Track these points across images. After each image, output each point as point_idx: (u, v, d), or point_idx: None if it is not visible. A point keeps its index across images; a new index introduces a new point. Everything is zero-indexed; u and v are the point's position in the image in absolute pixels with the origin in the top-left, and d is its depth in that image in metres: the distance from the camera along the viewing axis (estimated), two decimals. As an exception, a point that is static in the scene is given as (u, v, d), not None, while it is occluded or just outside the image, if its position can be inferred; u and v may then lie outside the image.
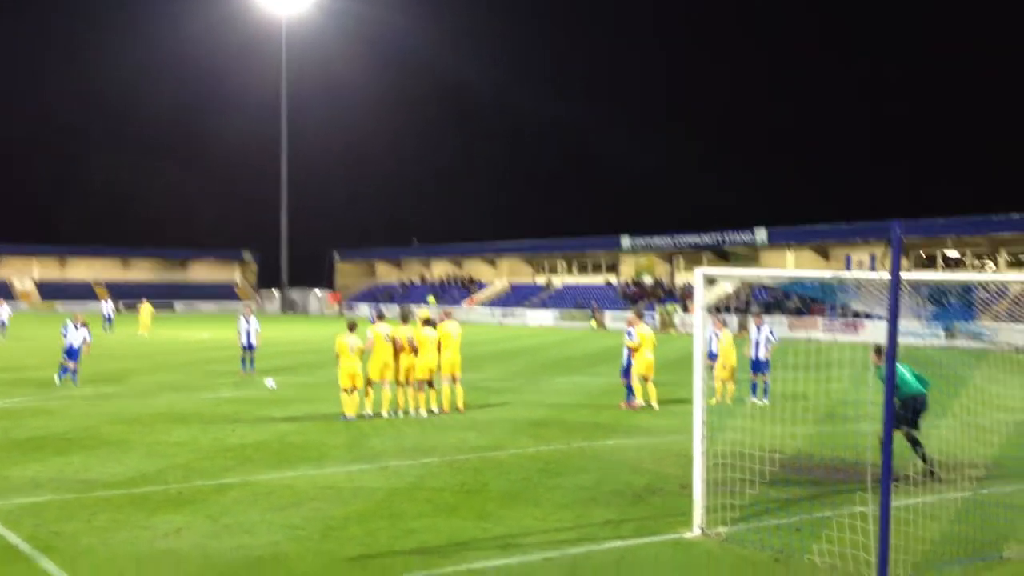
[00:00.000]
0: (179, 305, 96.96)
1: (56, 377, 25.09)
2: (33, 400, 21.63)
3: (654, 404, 20.59)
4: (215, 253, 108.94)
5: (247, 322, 28.62)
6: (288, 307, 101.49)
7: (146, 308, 53.45)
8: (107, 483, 12.72)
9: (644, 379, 20.78)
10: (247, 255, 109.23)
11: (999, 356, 20.87)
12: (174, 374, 28.49)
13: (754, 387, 21.91)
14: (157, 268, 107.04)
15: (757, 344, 21.89)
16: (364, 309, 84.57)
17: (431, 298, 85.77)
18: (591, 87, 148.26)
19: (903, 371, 13.25)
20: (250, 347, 28.44)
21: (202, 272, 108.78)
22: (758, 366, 21.81)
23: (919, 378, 13.33)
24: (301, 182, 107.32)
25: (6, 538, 9.93)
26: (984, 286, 22.44)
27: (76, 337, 25.23)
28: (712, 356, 21.28)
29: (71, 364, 25.06)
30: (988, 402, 15.26)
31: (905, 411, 12.93)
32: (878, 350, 13.21)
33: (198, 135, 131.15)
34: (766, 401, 20.94)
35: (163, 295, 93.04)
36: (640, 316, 22.29)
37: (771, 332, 22.33)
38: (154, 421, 18.43)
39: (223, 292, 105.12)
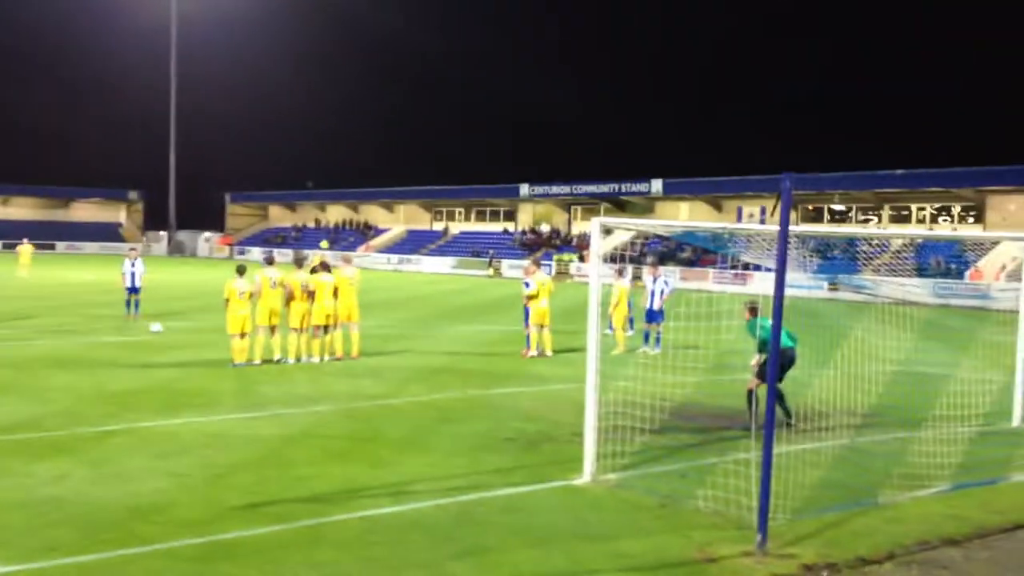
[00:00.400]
0: (61, 245, 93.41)
1: None
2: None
3: (548, 352, 20.80)
4: (100, 192, 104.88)
5: (132, 264, 27.76)
6: (176, 250, 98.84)
7: (26, 248, 51.32)
8: (-17, 429, 12.23)
9: (540, 327, 20.94)
10: (133, 195, 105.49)
11: (880, 308, 21.65)
12: (55, 317, 27.49)
13: (646, 336, 22.31)
14: (38, 206, 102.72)
15: (652, 294, 22.26)
16: (256, 253, 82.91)
17: (324, 243, 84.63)
18: (496, 30, 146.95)
19: (769, 326, 13.60)
20: (135, 290, 27.61)
21: (86, 212, 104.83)
22: (652, 316, 22.19)
23: (788, 334, 13.73)
24: (192, 120, 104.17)
25: None
26: (868, 240, 23.20)
27: None
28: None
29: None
30: (868, 353, 15.84)
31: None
32: (751, 308, 13.57)
33: (83, 64, 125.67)
34: (658, 350, 21.34)
35: (44, 235, 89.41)
36: (538, 265, 22.43)
37: (666, 282, 22.73)
38: (33, 365, 17.79)
39: (107, 233, 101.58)
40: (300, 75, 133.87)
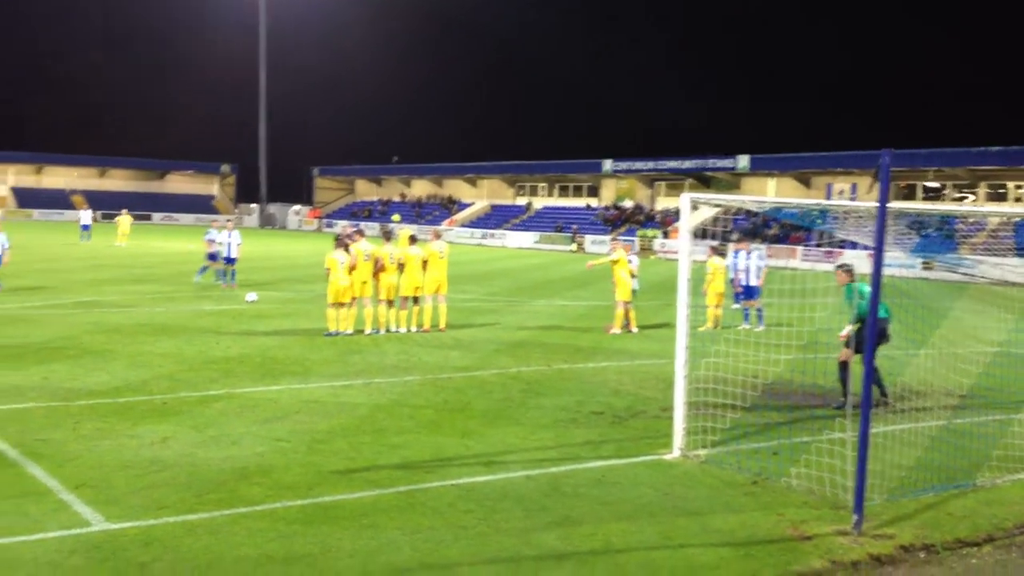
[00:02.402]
0: (156, 216, 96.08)
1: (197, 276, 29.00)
2: (12, 309, 21.50)
3: (634, 328, 20.77)
4: (194, 165, 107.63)
5: (228, 235, 28.47)
6: (266, 222, 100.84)
7: (125, 219, 52.97)
8: (91, 392, 12.74)
9: (625, 303, 20.88)
10: (225, 168, 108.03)
11: (977, 288, 21.08)
12: (154, 285, 28.37)
13: (746, 314, 22.08)
14: (134, 178, 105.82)
15: (747, 270, 22.03)
16: (341, 227, 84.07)
17: (396, 217, 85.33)
18: (581, 9, 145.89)
19: (868, 293, 13.31)
20: (231, 260, 28.34)
21: (180, 184, 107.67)
22: (750, 292, 21.98)
23: (883, 306, 13.42)
24: (282, 96, 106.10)
25: (-8, 444, 9.96)
26: (964, 218, 22.48)
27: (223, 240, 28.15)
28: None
29: (214, 264, 28.74)
30: (965, 333, 15.47)
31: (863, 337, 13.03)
32: (845, 269, 13.29)
33: (177, 41, 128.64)
34: (762, 327, 21.12)
35: (140, 206, 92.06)
36: (619, 242, 22.32)
37: (760, 258, 22.47)
38: (136, 332, 18.41)
39: (201, 205, 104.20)
40: (387, 51, 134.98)
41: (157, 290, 27.00)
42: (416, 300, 19.58)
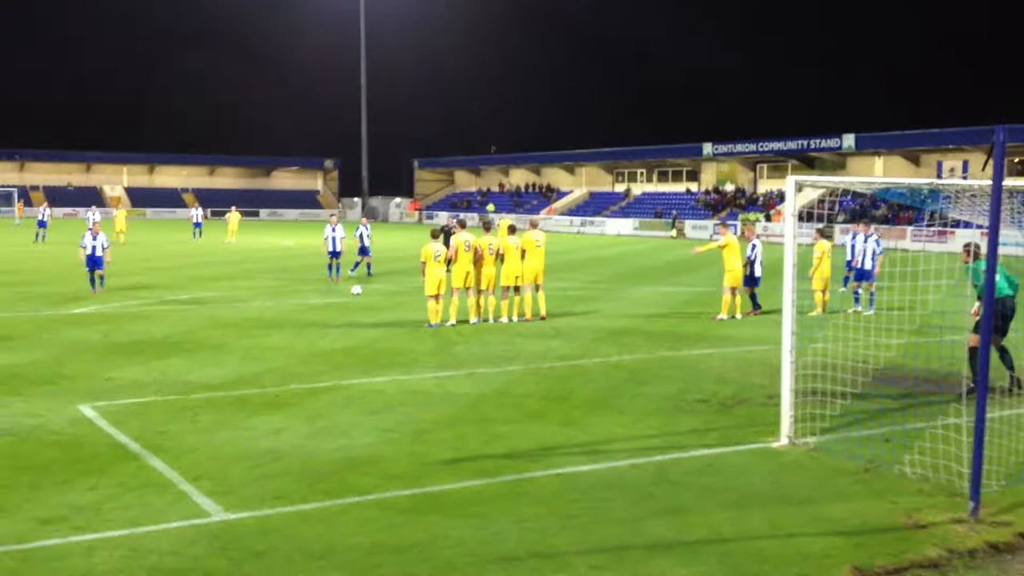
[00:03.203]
0: (263, 212, 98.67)
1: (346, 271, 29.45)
2: (132, 306, 22.39)
3: (738, 315, 20.51)
4: (298, 161, 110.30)
5: (333, 230, 29.11)
6: (369, 215, 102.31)
7: (234, 216, 54.54)
8: (207, 385, 13.21)
9: (732, 290, 20.57)
10: (328, 163, 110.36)
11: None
12: (263, 280, 29.18)
13: (856, 296, 21.70)
14: (242, 176, 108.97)
15: (865, 253, 21.59)
16: (442, 218, 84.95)
17: (491, 207, 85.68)
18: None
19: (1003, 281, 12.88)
20: (336, 254, 28.97)
21: (285, 180, 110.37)
22: (863, 274, 21.61)
23: (1009, 280, 12.94)
24: (381, 91, 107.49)
25: (115, 437, 10.41)
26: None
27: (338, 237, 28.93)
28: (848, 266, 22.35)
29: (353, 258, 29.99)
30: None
31: (1002, 313, 12.63)
32: (968, 249, 12.90)
33: (279, 40, 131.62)
34: (871, 311, 20.74)
35: (247, 202, 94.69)
36: (726, 227, 22.04)
37: (877, 241, 22.02)
38: (248, 326, 18.98)
39: (306, 200, 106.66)
40: (484, 45, 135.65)
41: (266, 285, 27.76)
42: (517, 290, 19.70)
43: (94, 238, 24.64)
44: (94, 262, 24.57)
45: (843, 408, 10.99)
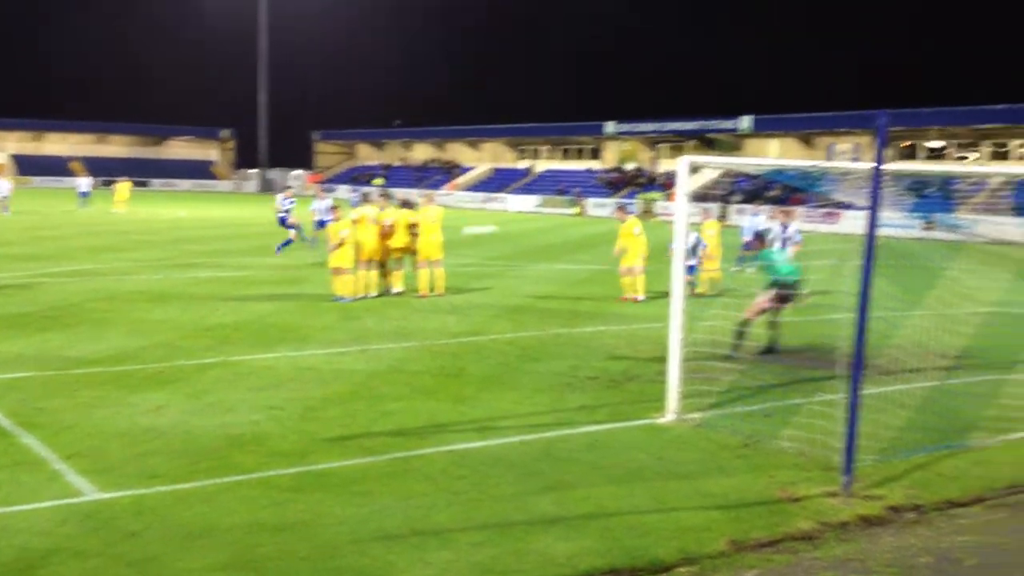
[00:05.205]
0: (155, 182, 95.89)
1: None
2: (15, 276, 21.52)
3: (640, 296, 20.74)
4: (193, 131, 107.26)
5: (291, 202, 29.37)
6: (266, 187, 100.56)
7: (124, 185, 52.87)
8: (89, 360, 12.78)
9: (628, 270, 20.74)
10: (225, 133, 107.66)
11: (976, 248, 21.04)
12: (152, 252, 28.38)
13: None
14: (133, 144, 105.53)
15: (784, 241, 21.11)
16: (343, 191, 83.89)
17: (379, 180, 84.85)
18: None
19: (775, 256, 13.86)
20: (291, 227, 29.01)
21: (179, 149, 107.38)
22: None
23: (789, 267, 14.06)
24: (282, 59, 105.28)
25: (-12, 414, 10.00)
26: (965, 178, 22.31)
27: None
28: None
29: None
30: (962, 293, 15.45)
31: (776, 293, 13.72)
32: (759, 237, 14.02)
33: (177, 4, 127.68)
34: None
35: (138, 172, 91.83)
36: (623, 210, 22.09)
37: (797, 231, 21.03)
38: (134, 299, 18.44)
39: (200, 170, 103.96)
40: (388, 12, 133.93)
41: (156, 257, 27.00)
42: (400, 262, 19.82)
43: None
44: None
45: (728, 384, 11.24)
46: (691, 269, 20.59)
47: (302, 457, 8.81)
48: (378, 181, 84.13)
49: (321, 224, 27.68)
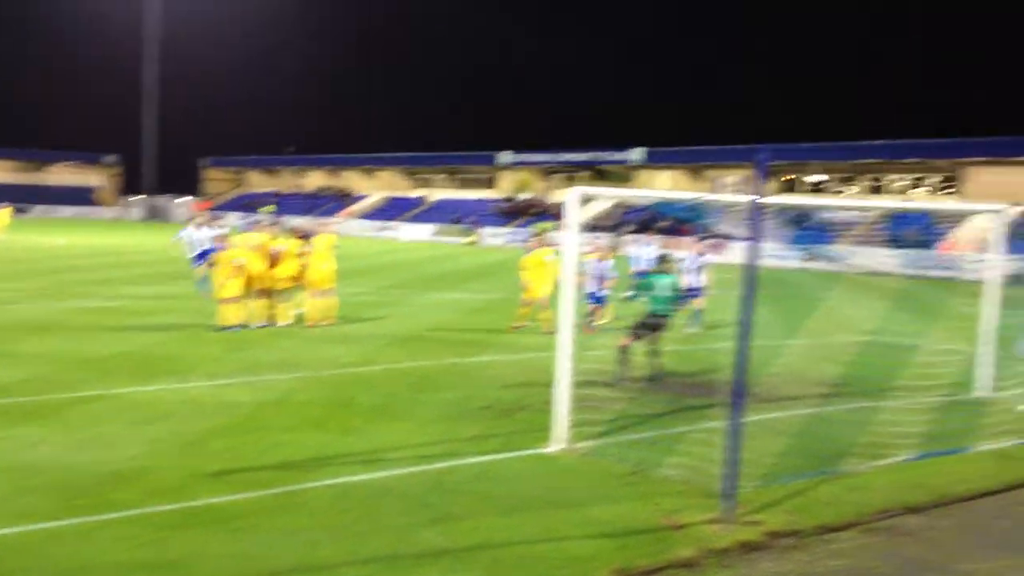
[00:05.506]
0: (37, 209, 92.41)
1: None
2: None
3: (527, 324, 20.87)
4: (76, 156, 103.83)
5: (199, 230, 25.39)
6: (152, 215, 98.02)
7: (4, 211, 50.85)
8: (-42, 395, 12.23)
9: (534, 300, 20.67)
10: (109, 159, 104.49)
11: (853, 279, 21.88)
12: (31, 281, 27.33)
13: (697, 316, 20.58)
14: (13, 169, 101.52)
15: (693, 271, 20.72)
16: (232, 219, 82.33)
17: (269, 207, 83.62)
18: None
19: (656, 283, 14.35)
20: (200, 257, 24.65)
21: (62, 175, 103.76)
22: (694, 292, 20.41)
23: (661, 297, 14.26)
24: (170, 85, 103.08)
25: None
26: (843, 211, 23.21)
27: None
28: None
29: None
30: (839, 323, 16.04)
31: (645, 322, 14.06)
32: (663, 260, 14.66)
33: (60, 26, 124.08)
34: (697, 328, 19.83)
35: (19, 198, 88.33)
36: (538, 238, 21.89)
37: (702, 257, 21.09)
38: (12, 330, 17.73)
39: (83, 197, 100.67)
40: (280, 37, 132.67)
41: (35, 286, 26.02)
42: (291, 292, 19.56)
43: None
44: None
45: (616, 413, 11.42)
46: (599, 299, 20.82)
47: (184, 492, 8.59)
48: (268, 208, 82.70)
49: (202, 256, 24.27)
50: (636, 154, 68.51)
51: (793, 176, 64.19)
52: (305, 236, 20.12)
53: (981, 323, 14.11)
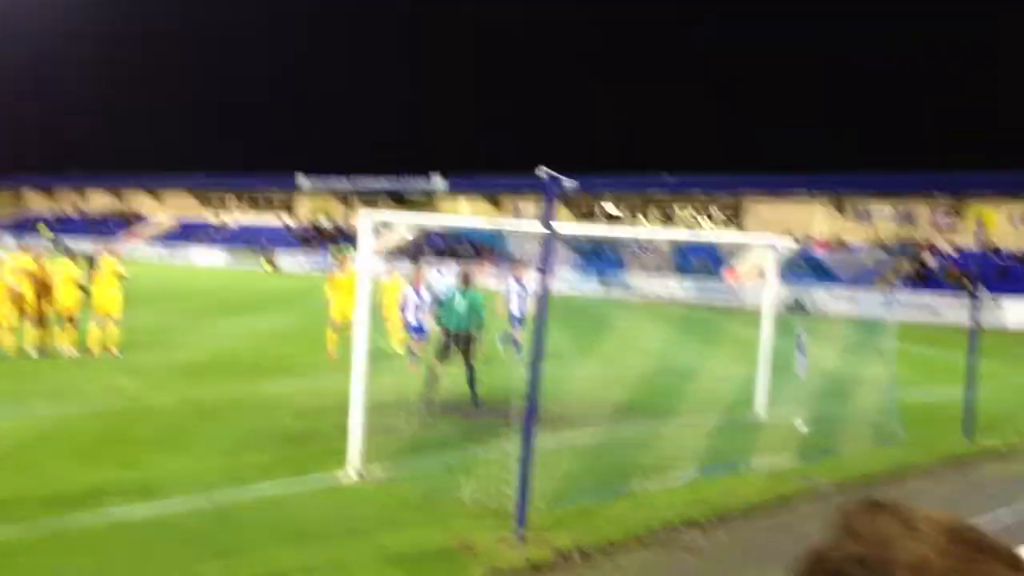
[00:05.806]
0: None
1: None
2: None
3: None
4: None
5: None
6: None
7: None
8: None
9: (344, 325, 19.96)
10: None
11: (643, 306, 22.76)
12: None
13: (515, 342, 20.21)
14: None
15: (520, 297, 20.41)
16: (8, 240, 77.07)
17: (41, 227, 79.27)
18: (281, 14, 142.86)
19: (454, 302, 14.54)
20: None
21: None
22: (520, 320, 20.12)
23: (462, 316, 14.47)
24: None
25: None
26: (633, 241, 24.10)
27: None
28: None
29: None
30: (629, 347, 16.60)
31: (448, 342, 14.28)
32: (465, 278, 14.79)
33: None
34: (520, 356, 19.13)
35: None
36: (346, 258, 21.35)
37: (524, 287, 20.41)
38: None
39: None
40: (59, 52, 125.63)
41: None
42: (72, 320, 18.33)
43: None
44: None
45: (410, 438, 11.33)
46: (420, 330, 19.47)
47: (-65, 534, 7.86)
48: (42, 229, 77.85)
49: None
50: (437, 182, 68.98)
51: (590, 206, 66.34)
52: (89, 260, 19.01)
53: (759, 347, 14.94)
